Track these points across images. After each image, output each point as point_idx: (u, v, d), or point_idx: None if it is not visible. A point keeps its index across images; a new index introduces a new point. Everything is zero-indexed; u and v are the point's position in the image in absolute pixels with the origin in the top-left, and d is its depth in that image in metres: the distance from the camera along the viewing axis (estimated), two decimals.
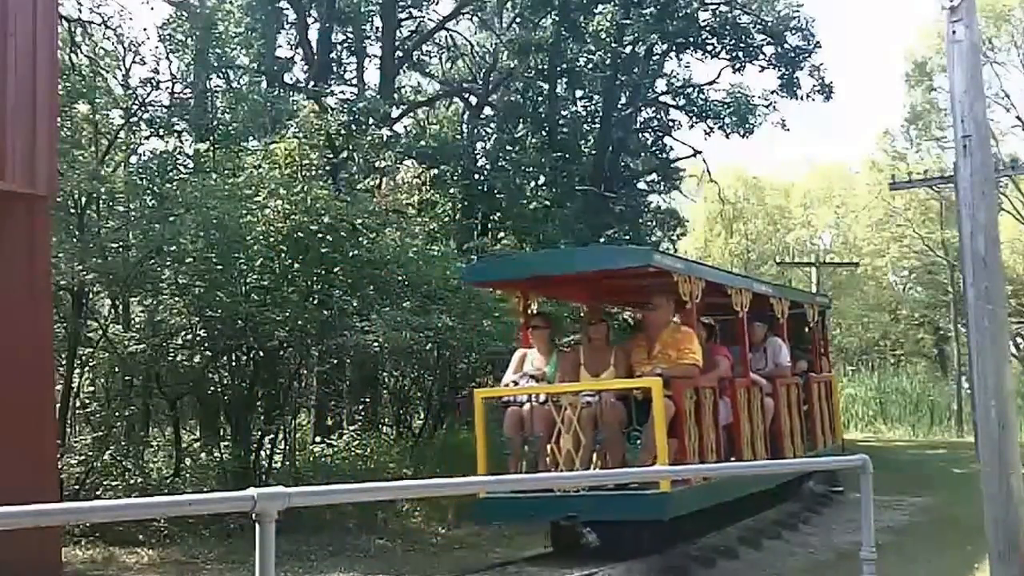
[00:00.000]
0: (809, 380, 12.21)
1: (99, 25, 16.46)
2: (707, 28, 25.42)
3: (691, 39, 25.16)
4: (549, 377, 8.90)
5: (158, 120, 15.23)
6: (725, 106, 26.01)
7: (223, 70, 19.84)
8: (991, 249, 5.34)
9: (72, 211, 11.61)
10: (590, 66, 24.91)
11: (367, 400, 16.61)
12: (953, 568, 8.49)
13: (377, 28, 22.82)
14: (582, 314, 11.11)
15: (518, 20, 24.33)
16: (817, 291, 27.27)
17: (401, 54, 22.84)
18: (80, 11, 16.02)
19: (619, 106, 25.42)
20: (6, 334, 7.44)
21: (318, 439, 13.71)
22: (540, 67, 24.11)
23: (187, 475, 11.55)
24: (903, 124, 36.38)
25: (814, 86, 25.29)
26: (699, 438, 8.60)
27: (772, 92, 25.78)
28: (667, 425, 7.96)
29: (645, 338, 9.01)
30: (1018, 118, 32.76)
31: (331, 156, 16.12)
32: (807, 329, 13.27)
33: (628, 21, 23.64)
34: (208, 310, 11.45)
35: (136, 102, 14.70)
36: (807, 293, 17.69)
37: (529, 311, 9.85)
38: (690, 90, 26.96)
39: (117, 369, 12.14)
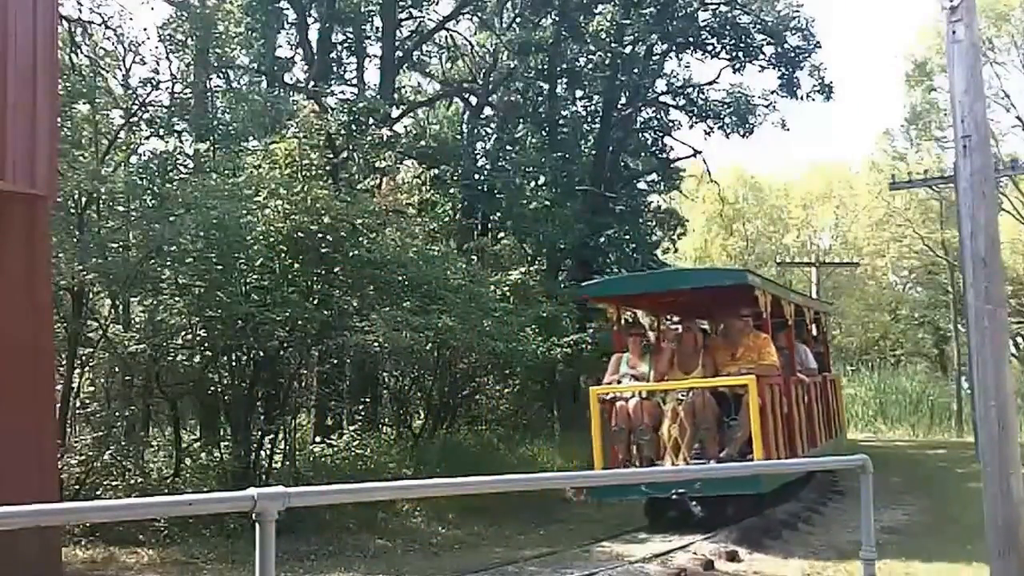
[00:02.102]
0: (825, 378, 13.82)
1: (99, 25, 16.43)
2: (707, 28, 25.40)
3: (691, 39, 25.15)
4: (645, 376, 10.62)
5: (158, 120, 15.21)
6: (725, 106, 26.01)
7: (223, 70, 19.84)
8: (991, 249, 5.34)
9: (72, 211, 11.60)
10: (590, 66, 24.91)
11: (367, 400, 16.60)
12: (953, 568, 8.49)
13: (377, 28, 22.80)
14: (669, 323, 12.87)
15: (518, 20, 24.31)
16: (819, 295, 27.53)
17: (401, 54, 22.82)
18: (80, 11, 16.00)
19: (619, 106, 25.40)
20: (6, 334, 7.43)
21: (318, 439, 13.70)
22: (540, 67, 24.10)
23: (187, 475, 11.53)
24: (903, 124, 36.44)
25: (814, 86, 25.29)
26: (774, 426, 10.29)
27: (772, 92, 25.79)
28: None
29: (728, 343, 10.74)
30: (1018, 118, 32.79)
31: (331, 156, 16.09)
32: (819, 333, 14.79)
33: (628, 21, 23.63)
34: (208, 310, 11.43)
35: (136, 102, 14.68)
36: (822, 302, 18.93)
37: (622, 321, 11.69)
38: (690, 90, 26.94)
39: (117, 369, 12.12)
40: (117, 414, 11.85)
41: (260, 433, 11.91)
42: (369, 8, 22.58)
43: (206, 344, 11.85)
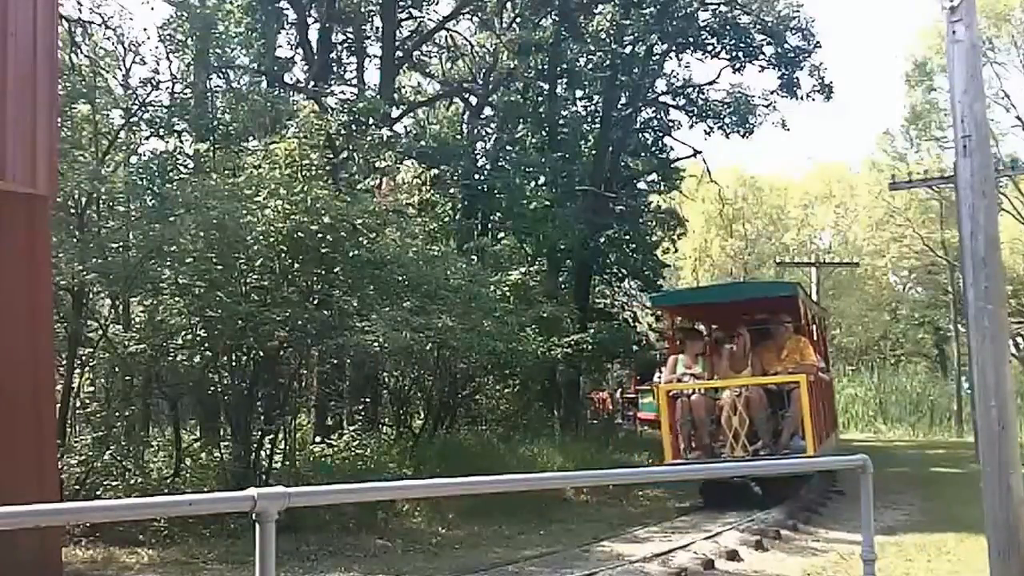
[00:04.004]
0: (828, 379, 15.68)
1: (99, 25, 16.41)
2: (707, 28, 25.42)
3: (691, 39, 25.17)
4: (702, 375, 12.14)
5: (158, 120, 15.19)
6: (725, 106, 26.03)
7: (223, 70, 19.81)
8: (991, 249, 5.33)
9: (72, 211, 11.59)
10: (590, 66, 24.90)
11: (367, 400, 16.59)
12: (953, 568, 8.49)
13: (377, 28, 22.79)
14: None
15: (518, 20, 24.30)
16: (819, 295, 27.70)
17: (401, 54, 22.80)
18: (80, 11, 15.98)
19: (619, 106, 25.40)
20: (6, 334, 7.43)
21: (318, 439, 13.69)
22: (540, 67, 24.09)
23: (187, 475, 11.51)
24: (903, 124, 36.37)
25: (814, 86, 25.33)
26: (816, 417, 11.81)
27: (772, 92, 25.82)
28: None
29: (773, 346, 12.22)
30: (1018, 118, 32.75)
31: (331, 156, 16.07)
32: (821, 335, 16.09)
33: (628, 21, 23.64)
34: (208, 310, 11.41)
35: (136, 102, 14.66)
36: (821, 308, 20.20)
37: (675, 328, 13.56)
38: (690, 90, 26.96)
39: (117, 369, 12.10)
40: (117, 414, 11.83)
41: (260, 433, 11.89)
42: (369, 8, 22.56)
43: (206, 344, 11.83)
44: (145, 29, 36.86)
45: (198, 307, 11.45)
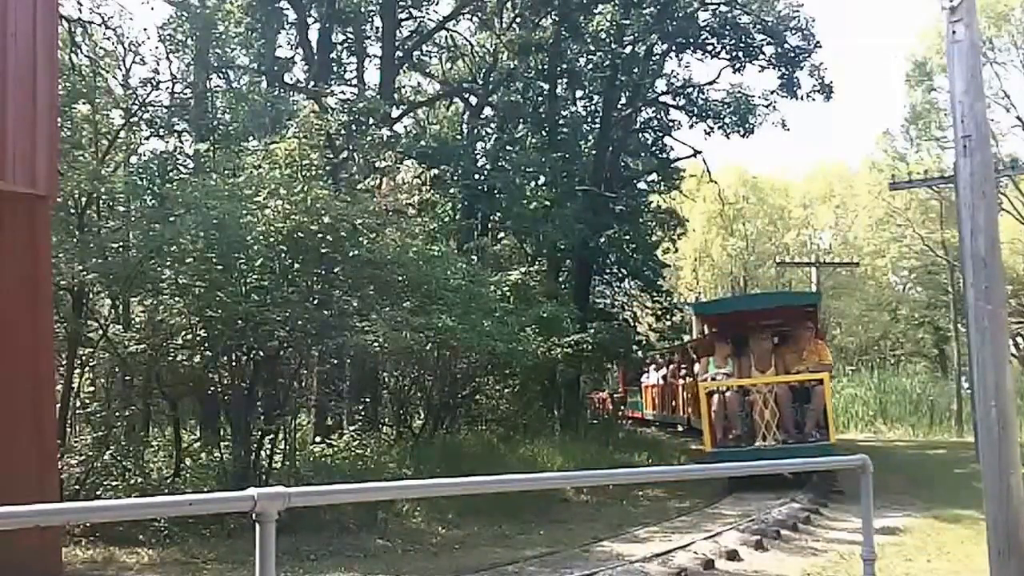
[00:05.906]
0: None
1: (99, 25, 16.46)
2: (707, 28, 25.42)
3: (691, 39, 25.17)
4: (732, 374, 13.50)
5: (158, 120, 15.20)
6: (725, 106, 26.04)
7: (223, 70, 19.83)
8: (991, 249, 5.33)
9: (72, 211, 11.59)
10: (590, 66, 24.92)
11: (367, 400, 16.58)
12: (953, 568, 8.49)
13: (377, 28, 22.81)
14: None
15: (518, 20, 24.30)
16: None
17: (401, 54, 22.82)
18: (80, 11, 16.02)
19: (619, 106, 25.41)
20: (6, 334, 7.43)
21: (318, 439, 13.69)
22: (540, 67, 24.10)
23: (187, 475, 11.50)
24: (903, 124, 36.36)
25: (814, 86, 25.33)
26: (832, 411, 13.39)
27: (772, 92, 25.83)
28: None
29: (795, 347, 13.62)
30: (1018, 118, 32.74)
31: (331, 156, 16.07)
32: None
33: (628, 21, 23.64)
34: (208, 310, 11.39)
35: (136, 102, 14.66)
36: None
37: (705, 333, 15.30)
38: (690, 90, 26.96)
39: (117, 369, 12.10)
40: (117, 414, 11.82)
41: (260, 433, 11.87)
42: (369, 8, 22.58)
43: (206, 344, 11.81)
44: (145, 29, 36.97)
45: (198, 307, 11.43)
